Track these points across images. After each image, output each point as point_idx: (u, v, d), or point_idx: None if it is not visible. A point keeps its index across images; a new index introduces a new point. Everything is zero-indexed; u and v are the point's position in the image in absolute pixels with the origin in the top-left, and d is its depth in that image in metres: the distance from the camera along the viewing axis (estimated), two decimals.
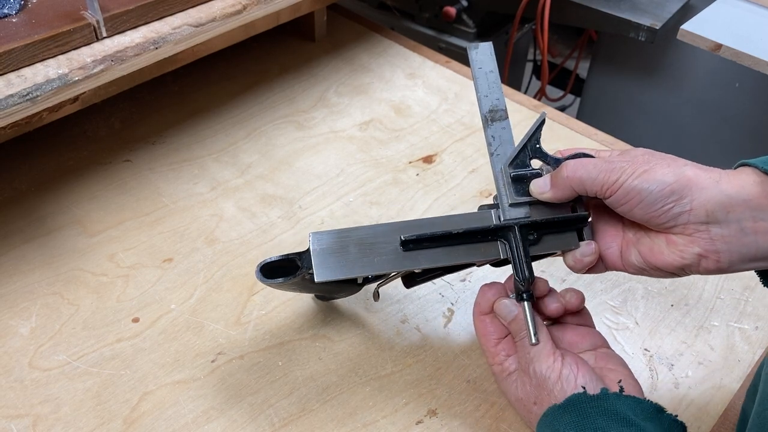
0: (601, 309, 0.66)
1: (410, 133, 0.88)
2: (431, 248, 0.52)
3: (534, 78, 1.81)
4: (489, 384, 0.59)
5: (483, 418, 0.57)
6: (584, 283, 0.68)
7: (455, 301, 0.67)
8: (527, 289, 0.52)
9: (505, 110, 0.54)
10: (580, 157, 0.52)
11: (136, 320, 0.63)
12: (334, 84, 0.95)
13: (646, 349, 0.63)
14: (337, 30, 1.06)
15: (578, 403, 0.46)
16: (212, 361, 0.60)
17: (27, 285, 0.66)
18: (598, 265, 0.53)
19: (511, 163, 0.52)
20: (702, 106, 1.30)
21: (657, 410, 0.48)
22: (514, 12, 1.28)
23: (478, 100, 0.54)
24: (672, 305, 0.67)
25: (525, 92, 1.76)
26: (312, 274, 0.51)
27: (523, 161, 0.52)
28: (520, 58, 1.53)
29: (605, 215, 0.53)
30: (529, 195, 0.52)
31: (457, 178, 0.81)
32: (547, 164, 0.52)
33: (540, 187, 0.51)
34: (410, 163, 0.83)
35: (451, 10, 1.28)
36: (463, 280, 0.68)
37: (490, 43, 0.56)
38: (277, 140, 0.85)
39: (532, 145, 0.52)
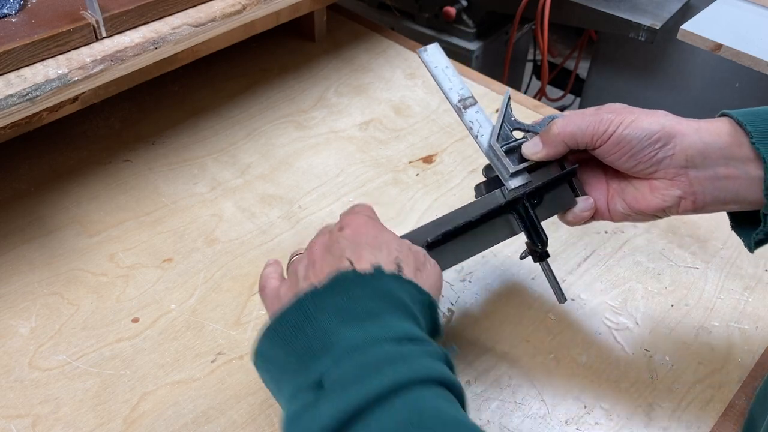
0: (601, 309, 0.66)
1: (410, 133, 0.88)
2: (452, 243, 0.53)
3: (534, 78, 1.81)
4: (488, 384, 0.59)
5: (483, 418, 0.57)
6: (584, 283, 0.68)
7: (455, 301, 0.67)
8: (545, 250, 0.55)
9: (472, 96, 0.57)
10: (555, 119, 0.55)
11: (136, 320, 0.63)
12: (334, 84, 0.95)
13: (646, 349, 0.63)
14: (337, 30, 1.06)
15: (344, 281, 0.41)
16: (212, 361, 0.60)
17: (27, 285, 0.66)
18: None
19: (497, 139, 0.55)
20: (702, 106, 1.30)
21: (431, 307, 0.45)
22: (514, 12, 1.29)
23: (446, 94, 0.57)
24: (672, 305, 0.67)
25: (525, 92, 1.76)
26: None
27: (506, 135, 0.56)
28: (520, 58, 1.53)
29: (588, 170, 0.56)
30: (525, 161, 0.55)
31: (457, 178, 0.81)
32: (527, 132, 0.56)
33: (532, 148, 0.54)
34: (410, 163, 0.83)
35: (451, 10, 1.28)
36: (463, 281, 0.68)
37: (437, 43, 0.59)
38: (277, 140, 0.85)
39: (508, 119, 0.56)
